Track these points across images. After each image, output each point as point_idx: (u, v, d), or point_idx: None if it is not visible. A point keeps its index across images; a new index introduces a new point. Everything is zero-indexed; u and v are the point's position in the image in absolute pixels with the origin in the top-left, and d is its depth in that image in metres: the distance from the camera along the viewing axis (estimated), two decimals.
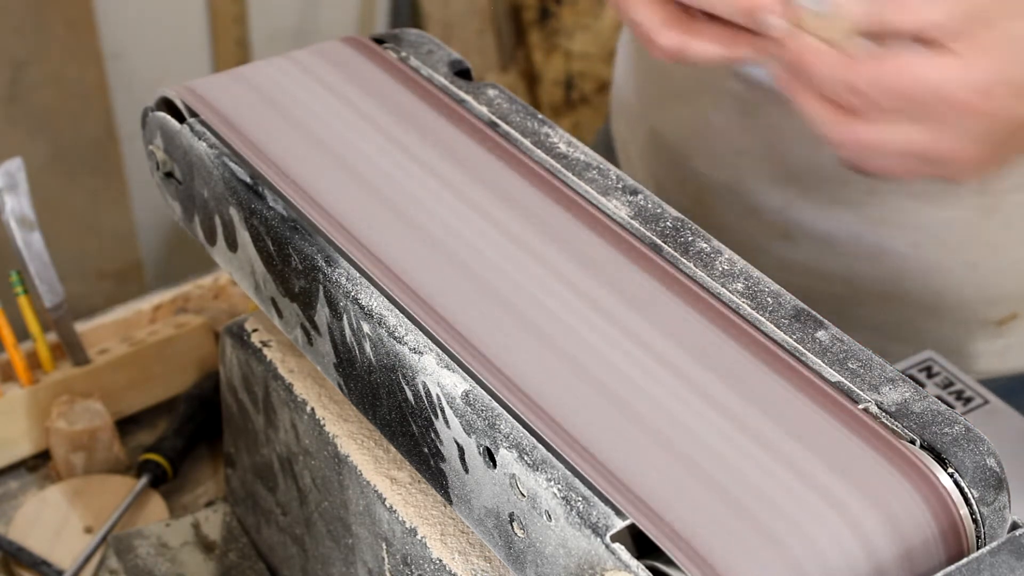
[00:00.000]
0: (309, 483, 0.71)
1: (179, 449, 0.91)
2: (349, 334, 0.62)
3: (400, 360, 0.59)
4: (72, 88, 1.58)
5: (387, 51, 0.78)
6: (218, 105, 0.73)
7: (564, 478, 0.53)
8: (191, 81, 0.75)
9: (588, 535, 0.51)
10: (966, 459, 0.54)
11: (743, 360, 0.59)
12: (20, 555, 0.84)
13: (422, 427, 0.59)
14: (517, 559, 0.56)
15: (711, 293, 0.62)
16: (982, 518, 0.54)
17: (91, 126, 1.63)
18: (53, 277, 0.90)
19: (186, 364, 0.96)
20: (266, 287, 0.68)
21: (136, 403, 0.95)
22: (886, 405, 0.56)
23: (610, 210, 0.66)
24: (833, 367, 0.58)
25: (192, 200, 0.72)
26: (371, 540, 0.66)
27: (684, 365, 0.58)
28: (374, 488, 0.65)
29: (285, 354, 0.73)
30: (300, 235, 0.65)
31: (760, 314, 0.61)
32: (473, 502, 0.57)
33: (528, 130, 0.71)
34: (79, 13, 1.55)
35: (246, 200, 0.67)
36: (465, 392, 0.56)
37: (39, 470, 0.92)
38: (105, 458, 0.90)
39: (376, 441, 0.67)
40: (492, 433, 0.55)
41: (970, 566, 0.52)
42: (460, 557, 0.61)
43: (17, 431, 0.90)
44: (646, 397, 0.57)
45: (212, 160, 0.69)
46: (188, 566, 0.82)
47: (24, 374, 0.91)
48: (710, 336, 0.60)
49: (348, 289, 0.62)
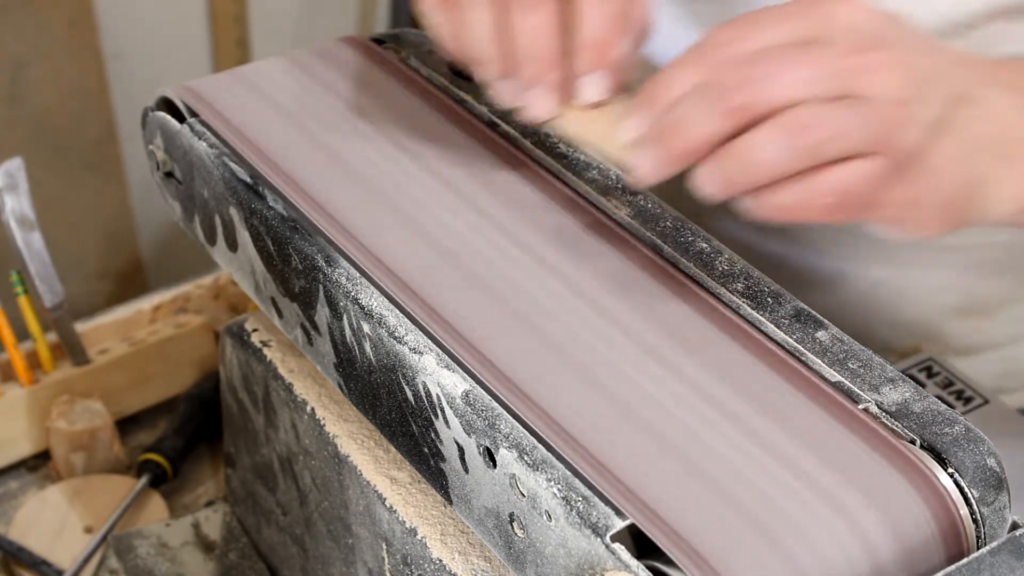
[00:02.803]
0: (309, 483, 0.71)
1: (179, 449, 0.91)
2: (349, 334, 0.62)
3: (400, 360, 0.59)
4: (72, 88, 1.58)
5: (387, 51, 0.78)
6: (218, 105, 0.73)
7: (564, 478, 0.53)
8: (191, 81, 0.75)
9: (588, 535, 0.51)
10: (966, 459, 0.54)
11: (743, 360, 0.59)
12: (20, 555, 0.84)
13: (422, 427, 0.59)
14: (517, 559, 0.56)
15: (711, 293, 0.62)
16: (982, 518, 0.54)
17: (91, 126, 1.62)
18: (53, 277, 0.90)
19: (186, 364, 0.96)
20: (266, 287, 0.68)
21: (136, 403, 0.95)
22: (886, 405, 0.56)
23: (610, 210, 0.66)
24: (833, 367, 0.58)
25: (192, 200, 0.72)
26: (371, 540, 0.66)
27: (685, 365, 0.58)
28: (374, 488, 0.65)
29: (285, 354, 0.73)
30: (300, 235, 0.65)
31: (760, 314, 0.61)
32: (473, 502, 0.57)
33: (528, 130, 0.71)
34: (79, 13, 1.55)
35: (246, 200, 0.67)
36: (465, 392, 0.56)
37: (39, 470, 0.92)
38: (105, 458, 0.90)
39: (376, 441, 0.67)
40: (492, 433, 0.55)
41: (970, 566, 0.52)
42: (460, 557, 0.61)
43: (17, 431, 0.90)
44: (646, 396, 0.57)
45: (212, 160, 0.69)
46: (188, 566, 0.82)
47: (24, 374, 0.90)
48: (710, 336, 0.60)
49: (348, 289, 0.62)
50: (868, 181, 0.56)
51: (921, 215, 0.58)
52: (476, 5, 0.62)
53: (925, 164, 0.57)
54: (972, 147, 0.58)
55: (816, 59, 0.56)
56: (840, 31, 0.57)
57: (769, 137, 0.55)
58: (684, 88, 0.57)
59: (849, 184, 0.56)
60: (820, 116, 0.55)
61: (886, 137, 0.56)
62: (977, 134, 0.58)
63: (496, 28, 0.62)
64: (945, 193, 0.58)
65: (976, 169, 0.59)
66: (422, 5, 0.66)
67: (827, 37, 0.57)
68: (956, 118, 0.58)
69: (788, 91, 0.55)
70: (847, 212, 0.57)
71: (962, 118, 0.58)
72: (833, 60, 0.56)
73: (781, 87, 0.55)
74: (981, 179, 0.59)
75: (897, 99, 0.56)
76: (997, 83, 0.60)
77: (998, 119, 0.59)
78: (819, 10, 0.58)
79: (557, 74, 0.62)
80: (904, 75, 0.56)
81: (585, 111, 0.62)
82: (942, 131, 0.57)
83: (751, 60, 0.56)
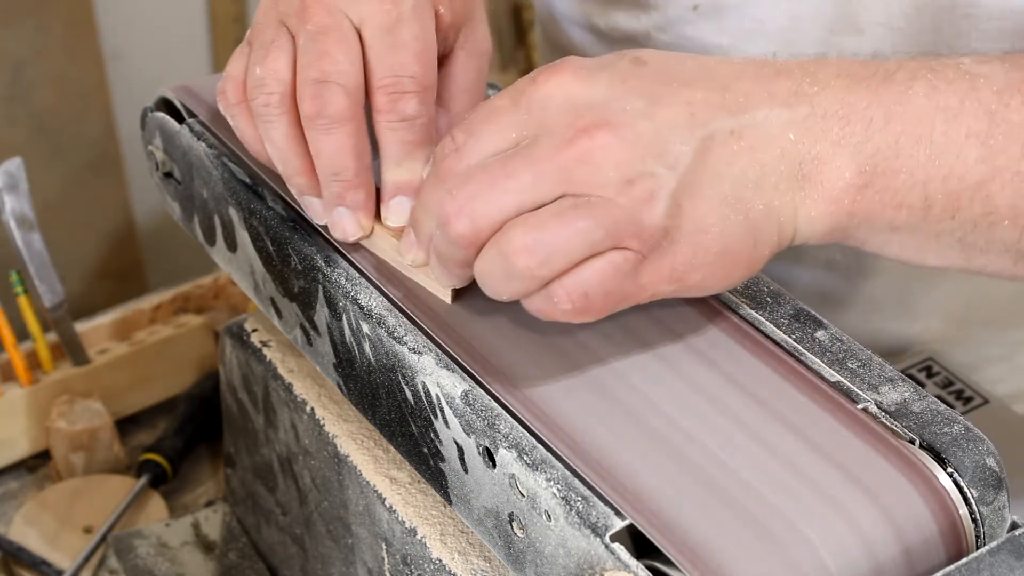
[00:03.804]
0: (309, 483, 0.71)
1: (179, 449, 0.91)
2: (348, 334, 0.62)
3: (399, 360, 0.59)
4: (72, 88, 1.58)
5: None
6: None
7: (563, 478, 0.53)
8: (190, 81, 0.75)
9: (587, 535, 0.51)
10: (965, 459, 0.54)
11: (743, 360, 0.59)
12: (20, 555, 0.84)
13: (421, 427, 0.59)
14: (517, 559, 0.56)
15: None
16: (981, 518, 0.54)
17: (91, 126, 1.62)
18: (53, 277, 0.90)
19: (186, 364, 0.96)
20: (265, 287, 0.68)
21: (136, 403, 0.95)
22: (886, 405, 0.56)
23: None
24: (833, 367, 0.58)
25: (191, 200, 0.72)
26: (371, 540, 0.66)
27: (684, 364, 0.58)
28: (374, 488, 0.64)
29: (285, 354, 0.73)
30: (299, 235, 0.65)
31: (759, 314, 0.61)
32: (473, 502, 0.57)
33: None
34: (79, 13, 1.55)
35: (245, 200, 0.67)
36: (464, 392, 0.56)
37: (39, 470, 0.92)
38: (105, 458, 0.90)
39: (376, 441, 0.67)
40: (491, 433, 0.55)
41: (969, 566, 0.52)
42: (460, 557, 0.61)
43: (17, 431, 0.90)
44: (643, 396, 0.57)
45: (211, 160, 0.69)
46: (188, 566, 0.82)
47: (24, 374, 0.90)
48: (710, 336, 0.60)
49: (347, 289, 0.62)
50: (612, 278, 0.53)
51: (697, 277, 0.54)
52: (271, 119, 0.61)
53: (680, 233, 0.53)
54: (737, 188, 0.53)
55: (526, 165, 0.53)
56: (552, 117, 0.53)
57: (488, 266, 0.54)
58: (429, 214, 0.56)
59: (588, 286, 0.53)
60: (535, 235, 0.52)
61: (622, 228, 0.52)
62: (742, 170, 0.53)
63: (295, 147, 0.61)
64: (716, 248, 0.53)
65: (752, 207, 0.54)
66: (219, 104, 0.65)
67: (539, 130, 0.53)
68: (706, 168, 0.53)
69: (499, 211, 0.53)
70: (599, 311, 0.54)
71: (714, 164, 0.53)
72: (544, 160, 0.52)
73: (494, 208, 0.53)
74: (764, 214, 0.54)
75: (623, 181, 0.52)
76: (773, 99, 0.54)
77: (772, 143, 0.54)
78: (526, 96, 0.54)
79: (361, 193, 0.61)
80: (625, 151, 0.52)
81: (393, 231, 0.62)
82: (690, 191, 0.53)
83: (466, 178, 0.54)
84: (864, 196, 0.55)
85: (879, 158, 0.54)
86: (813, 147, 0.54)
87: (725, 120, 0.54)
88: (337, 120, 0.60)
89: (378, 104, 0.61)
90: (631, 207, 0.52)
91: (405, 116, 0.61)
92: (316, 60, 0.60)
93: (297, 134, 0.61)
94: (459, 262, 0.56)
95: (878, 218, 0.55)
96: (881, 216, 0.55)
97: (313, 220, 0.64)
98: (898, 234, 0.56)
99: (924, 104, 0.55)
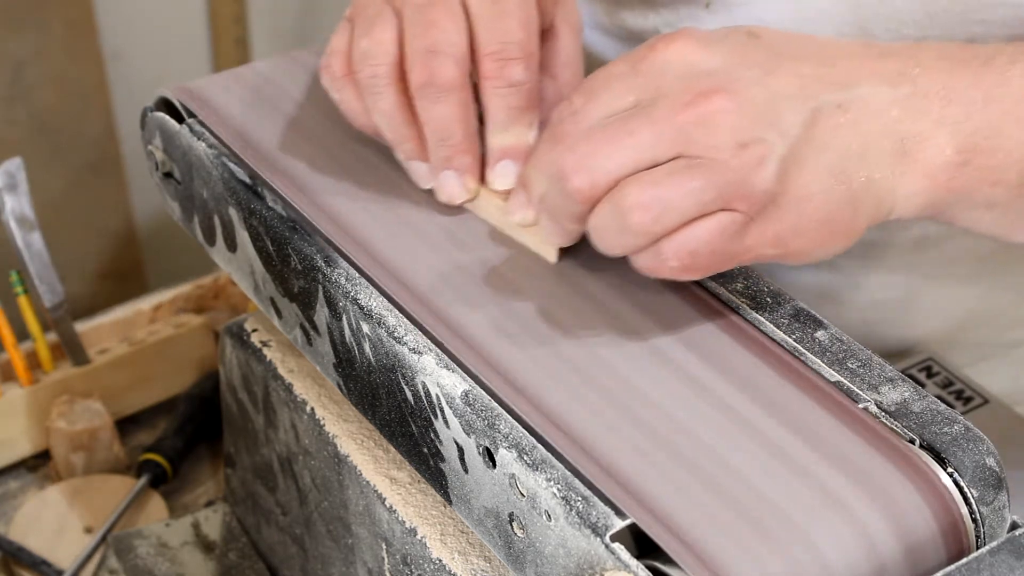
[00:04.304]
0: (309, 483, 0.71)
1: (179, 449, 0.91)
2: (348, 334, 0.62)
3: (399, 360, 0.59)
4: (72, 88, 1.58)
5: None
6: (217, 105, 0.73)
7: (564, 478, 0.53)
8: (190, 81, 0.75)
9: (588, 535, 0.51)
10: (966, 459, 0.54)
11: (743, 359, 0.59)
12: (20, 555, 0.84)
13: (421, 427, 0.59)
14: (517, 559, 0.56)
15: (710, 292, 0.62)
16: (981, 518, 0.54)
17: (91, 126, 1.62)
18: (53, 277, 0.90)
19: (186, 364, 0.96)
20: (265, 287, 0.68)
21: (136, 403, 0.95)
22: (886, 405, 0.56)
23: None
24: (833, 367, 0.58)
25: (191, 200, 0.72)
26: (371, 540, 0.66)
27: (685, 363, 0.58)
28: (374, 488, 0.65)
29: (285, 354, 0.73)
30: (299, 235, 0.65)
31: (759, 314, 0.61)
32: (473, 502, 0.57)
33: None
34: (79, 13, 1.55)
35: (245, 200, 0.67)
36: (464, 392, 0.56)
37: (39, 470, 0.92)
38: (105, 458, 0.90)
39: (376, 441, 0.67)
40: (491, 433, 0.55)
41: (970, 566, 0.52)
42: (460, 557, 0.61)
43: (17, 431, 0.90)
44: (644, 396, 0.57)
45: (211, 160, 0.69)
46: (188, 566, 0.82)
47: (24, 374, 0.91)
48: (710, 336, 0.60)
49: (347, 289, 0.62)
50: (719, 238, 0.55)
51: (800, 244, 0.56)
52: (379, 90, 0.63)
53: (786, 199, 0.55)
54: (842, 160, 0.56)
55: (645, 124, 0.54)
56: (670, 82, 0.55)
57: (603, 221, 0.55)
58: (543, 173, 0.58)
59: (698, 245, 0.55)
60: (651, 192, 0.54)
61: (733, 190, 0.54)
62: (846, 144, 0.56)
63: (403, 115, 0.63)
64: (819, 216, 0.56)
65: (855, 179, 0.56)
66: (322, 79, 0.67)
67: (657, 94, 0.55)
68: (813, 138, 0.55)
69: (618, 167, 0.54)
70: (704, 270, 0.56)
71: (821, 135, 0.55)
72: (663, 121, 0.54)
73: (612, 164, 0.54)
74: (865, 186, 0.56)
75: (737, 145, 0.54)
76: (877, 77, 0.57)
77: (876, 119, 0.56)
78: (646, 62, 0.56)
79: (468, 158, 0.63)
80: (741, 116, 0.54)
81: (498, 194, 0.64)
82: (798, 159, 0.55)
83: (586, 137, 0.55)
84: (962, 173, 0.57)
85: (978, 137, 0.57)
86: (915, 125, 0.57)
87: (833, 94, 0.56)
88: (447, 88, 0.61)
89: (485, 70, 0.62)
90: (742, 170, 0.54)
91: (512, 82, 0.62)
92: (424, 31, 0.62)
93: (404, 102, 0.63)
94: (573, 216, 0.57)
95: (975, 195, 0.58)
96: (978, 193, 0.58)
97: (418, 184, 0.66)
98: (992, 211, 0.59)
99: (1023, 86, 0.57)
